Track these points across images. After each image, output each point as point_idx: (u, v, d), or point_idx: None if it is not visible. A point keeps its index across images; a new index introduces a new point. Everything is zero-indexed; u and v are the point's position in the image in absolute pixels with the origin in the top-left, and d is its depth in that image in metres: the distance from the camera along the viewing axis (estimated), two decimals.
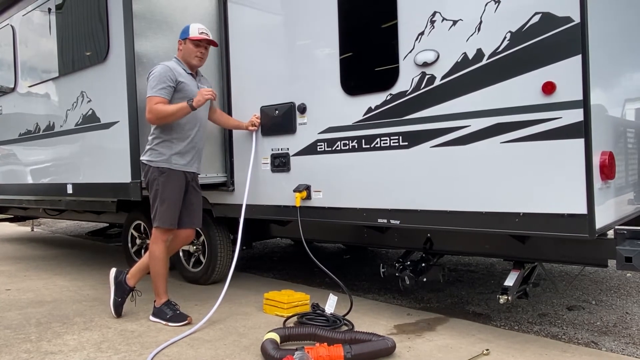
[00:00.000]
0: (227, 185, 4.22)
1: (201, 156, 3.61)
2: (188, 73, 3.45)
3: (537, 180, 2.66)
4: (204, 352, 2.85)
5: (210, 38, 3.49)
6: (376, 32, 3.27)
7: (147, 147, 3.45)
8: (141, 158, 3.50)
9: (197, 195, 3.60)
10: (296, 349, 2.58)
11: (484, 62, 2.81)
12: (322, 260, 3.61)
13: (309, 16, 3.63)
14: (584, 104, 2.50)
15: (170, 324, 3.31)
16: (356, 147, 3.38)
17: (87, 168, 4.59)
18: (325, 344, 2.66)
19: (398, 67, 3.16)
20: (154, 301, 3.47)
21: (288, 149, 3.78)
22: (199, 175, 3.67)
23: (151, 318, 3.45)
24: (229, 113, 4.13)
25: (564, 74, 2.55)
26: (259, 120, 3.88)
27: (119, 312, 3.53)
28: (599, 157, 2.64)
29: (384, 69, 3.24)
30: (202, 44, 3.45)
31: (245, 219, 3.72)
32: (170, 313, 3.36)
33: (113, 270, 3.59)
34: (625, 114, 3.24)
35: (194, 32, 3.40)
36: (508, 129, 2.74)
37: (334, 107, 3.49)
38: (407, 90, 3.13)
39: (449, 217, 2.98)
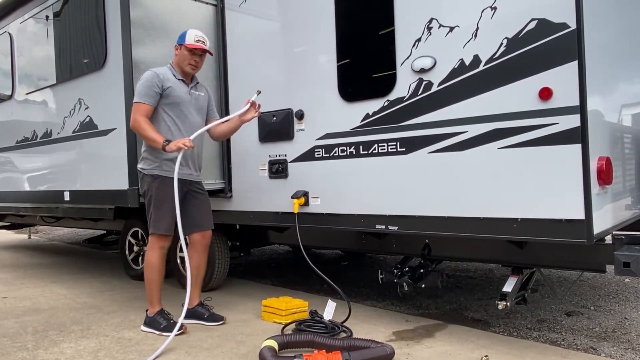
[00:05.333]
0: (225, 191, 4.22)
1: (197, 162, 3.55)
2: (178, 79, 3.40)
3: (534, 186, 2.67)
4: (201, 359, 2.83)
5: (206, 47, 3.42)
6: (373, 38, 3.29)
7: (141, 155, 3.44)
8: (138, 166, 3.48)
9: (200, 199, 3.54)
10: (294, 356, 2.57)
11: (481, 68, 2.82)
12: (320, 266, 3.60)
13: (307, 23, 3.64)
14: (581, 109, 2.51)
15: (164, 333, 3.23)
16: (354, 153, 3.38)
17: (85, 175, 4.58)
18: (324, 351, 2.65)
19: (395, 73, 3.17)
20: (146, 310, 3.42)
21: (286, 155, 3.78)
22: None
23: (143, 328, 3.39)
24: None
25: (561, 79, 2.56)
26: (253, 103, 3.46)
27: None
28: (596, 162, 2.64)
29: (381, 76, 3.25)
30: (197, 52, 3.39)
31: (243, 226, 3.71)
32: (164, 323, 3.31)
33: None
34: (622, 120, 3.25)
35: (189, 39, 3.36)
36: (505, 135, 2.74)
37: (331, 113, 3.50)
38: (405, 97, 3.13)
39: (447, 222, 2.97)
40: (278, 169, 3.81)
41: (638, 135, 3.54)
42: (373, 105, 3.28)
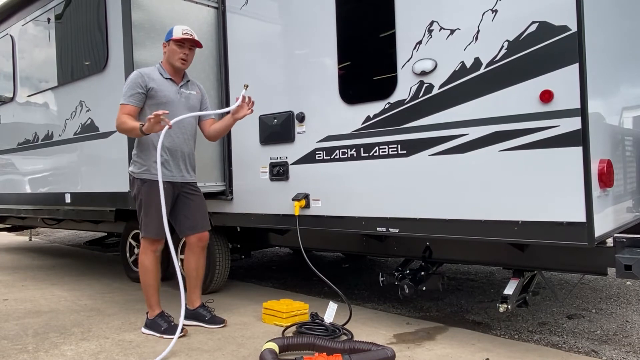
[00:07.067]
0: (225, 194, 4.22)
1: (189, 163, 3.46)
2: (166, 78, 3.34)
3: (535, 188, 2.67)
4: None
5: (195, 38, 3.36)
6: (374, 41, 3.29)
7: (132, 158, 3.40)
8: (128, 169, 3.42)
9: (194, 200, 3.47)
10: (295, 359, 2.57)
11: (482, 70, 2.82)
12: (321, 269, 3.60)
13: (308, 25, 3.65)
14: (582, 112, 2.51)
15: (165, 336, 3.23)
16: (355, 155, 3.38)
17: (86, 177, 4.59)
18: (325, 353, 2.65)
19: (396, 76, 3.18)
20: (147, 313, 3.41)
21: (287, 157, 3.79)
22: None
23: (143, 330, 3.38)
24: None
25: (562, 82, 2.56)
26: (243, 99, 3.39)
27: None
28: (597, 165, 2.64)
29: (382, 78, 3.25)
30: (186, 44, 3.34)
31: (244, 228, 3.71)
32: (164, 325, 3.30)
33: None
34: (623, 122, 3.25)
35: (177, 33, 3.31)
36: (506, 137, 2.74)
37: (332, 115, 3.50)
38: (406, 99, 3.14)
39: (448, 225, 2.97)
40: (279, 171, 3.81)
41: (639, 137, 3.54)
42: (374, 108, 3.28)
